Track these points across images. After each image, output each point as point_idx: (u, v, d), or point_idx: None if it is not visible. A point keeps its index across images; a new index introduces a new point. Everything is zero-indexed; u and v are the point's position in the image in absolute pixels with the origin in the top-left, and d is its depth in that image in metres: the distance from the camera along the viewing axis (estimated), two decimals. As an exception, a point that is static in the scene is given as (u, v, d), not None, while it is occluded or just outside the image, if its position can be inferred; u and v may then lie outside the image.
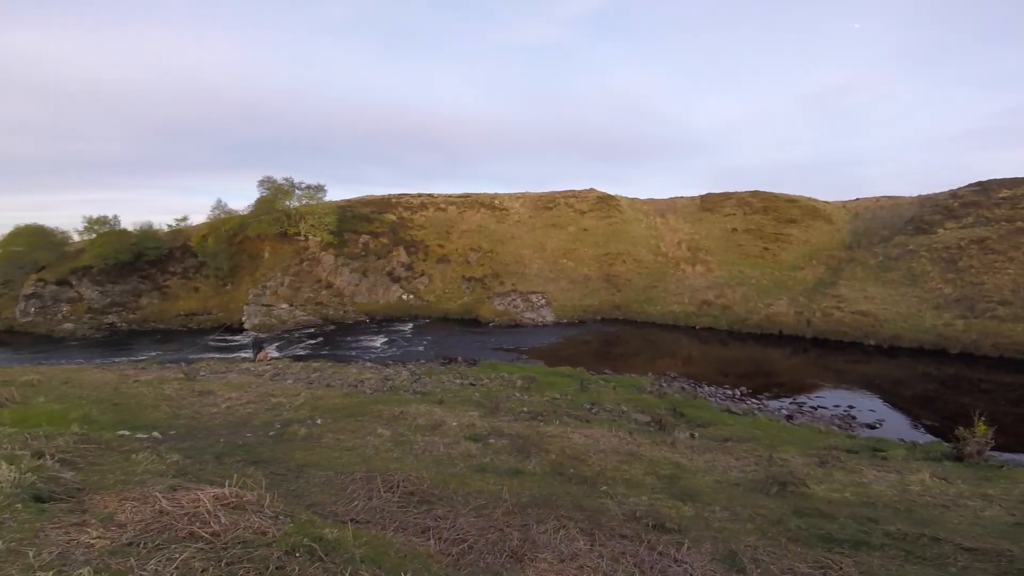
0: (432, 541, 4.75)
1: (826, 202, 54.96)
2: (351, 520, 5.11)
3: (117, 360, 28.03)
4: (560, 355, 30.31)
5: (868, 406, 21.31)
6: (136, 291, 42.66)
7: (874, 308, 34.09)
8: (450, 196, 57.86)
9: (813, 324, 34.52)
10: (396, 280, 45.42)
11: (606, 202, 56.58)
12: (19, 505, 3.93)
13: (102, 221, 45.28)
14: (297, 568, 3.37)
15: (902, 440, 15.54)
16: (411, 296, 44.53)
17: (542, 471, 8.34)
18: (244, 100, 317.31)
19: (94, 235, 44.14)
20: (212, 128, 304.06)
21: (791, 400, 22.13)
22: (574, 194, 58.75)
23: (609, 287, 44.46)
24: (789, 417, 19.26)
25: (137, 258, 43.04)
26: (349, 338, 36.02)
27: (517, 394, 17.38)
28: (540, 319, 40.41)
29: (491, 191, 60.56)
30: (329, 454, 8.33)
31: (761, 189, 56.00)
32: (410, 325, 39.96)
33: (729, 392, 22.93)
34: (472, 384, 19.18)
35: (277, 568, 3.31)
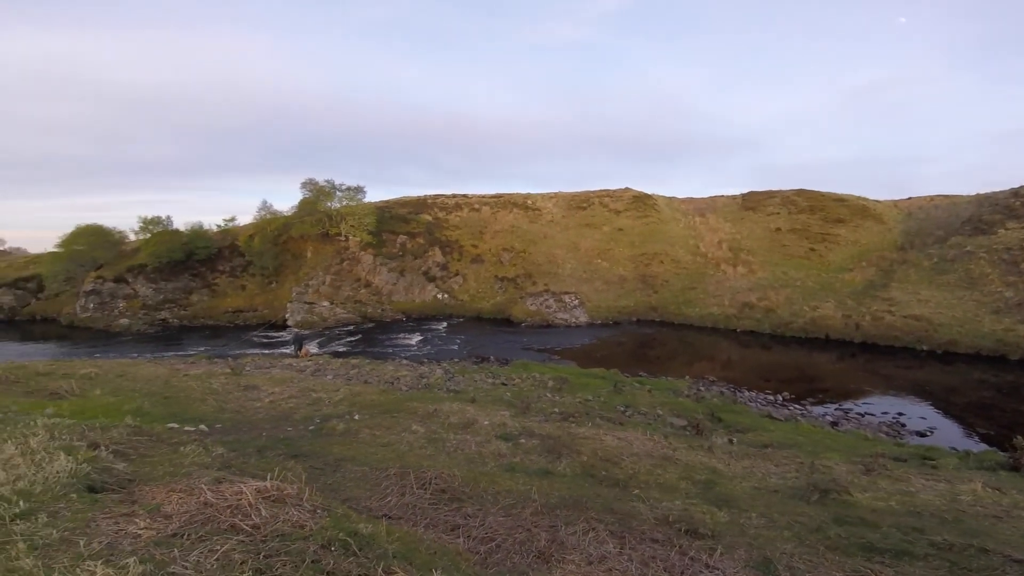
0: (461, 539, 4.81)
1: (876, 201, 52.65)
2: (384, 516, 5.23)
3: (168, 355, 29.44)
4: (593, 356, 30.08)
5: (919, 413, 20.32)
6: (187, 288, 44.70)
7: (928, 312, 32.41)
8: (483, 196, 58.28)
9: (862, 328, 33.09)
10: (432, 279, 46.06)
11: (642, 201, 55.81)
12: (74, 495, 4.11)
13: (156, 221, 47.60)
14: (332, 562, 3.42)
15: (954, 449, 14.81)
16: (446, 295, 45.08)
17: (572, 473, 8.31)
18: (287, 104, 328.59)
19: (149, 235, 46.44)
20: (258, 132, 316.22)
21: (836, 406, 21.30)
22: (609, 193, 58.19)
23: (645, 288, 43.81)
24: (834, 424, 18.59)
25: (188, 257, 45.07)
26: (386, 336, 36.74)
27: (548, 395, 17.36)
28: (573, 320, 40.19)
29: (524, 191, 60.74)
30: (365, 449, 8.55)
31: (806, 187, 54.16)
32: (444, 324, 40.42)
33: (771, 397, 22.27)
34: (504, 384, 19.27)
35: (313, 562, 3.37)
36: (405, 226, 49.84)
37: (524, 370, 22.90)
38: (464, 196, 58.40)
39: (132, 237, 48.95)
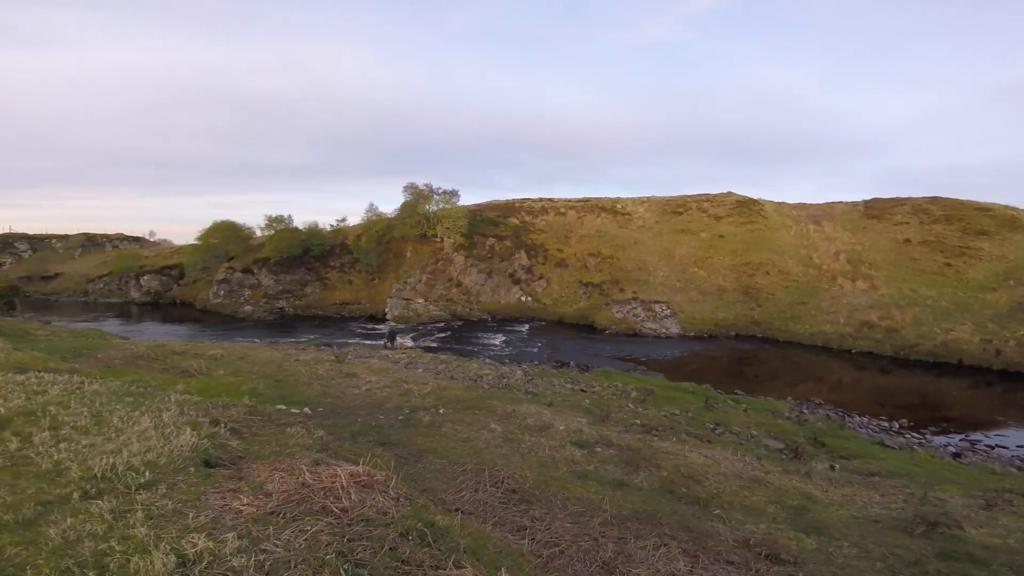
0: (526, 541, 4.90)
1: (1031, 210, 45.44)
2: (457, 510, 5.47)
3: (282, 340, 32.51)
4: (683, 370, 28.90)
5: (1064, 449, 17.49)
6: (303, 281, 49.16)
7: (1096, 341, 27.49)
8: (570, 200, 57.89)
9: (1004, 354, 28.88)
10: (517, 282, 46.75)
11: (747, 206, 52.55)
12: (192, 469, 4.54)
13: (279, 220, 52.79)
14: (408, 551, 3.57)
15: (1103, 490, 12.52)
16: (529, 298, 45.50)
17: (649, 486, 8.12)
18: (391, 111, 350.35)
19: (272, 231, 51.65)
20: (366, 138, 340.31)
21: (962, 437, 18.99)
22: (708, 198, 55.45)
23: (747, 300, 41.20)
24: (956, 455, 16.70)
25: (305, 252, 49.56)
26: (472, 334, 37.88)
27: (631, 405, 16.95)
28: (663, 330, 38.79)
29: (612, 195, 59.56)
30: (446, 443, 8.94)
31: (942, 195, 48.13)
32: (527, 326, 40.83)
33: (885, 424, 20.36)
34: (583, 390, 19.07)
35: (391, 549, 3.54)
36: (494, 229, 51.01)
37: (605, 378, 22.53)
38: (550, 200, 58.44)
39: (258, 233, 54.65)
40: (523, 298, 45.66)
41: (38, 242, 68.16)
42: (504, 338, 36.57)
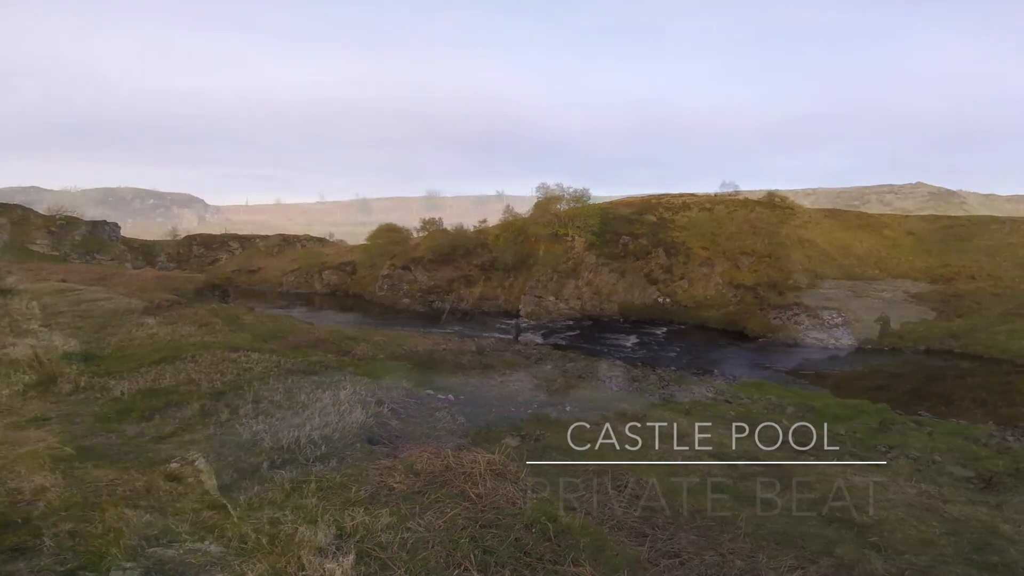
0: (645, 548, 4.84)
1: None
2: (575, 509, 5.57)
3: (432, 331, 35.37)
4: (855, 386, 25.53)
5: None
6: (450, 277, 53.26)
7: None
8: (717, 195, 53.84)
9: None
10: (653, 282, 44.85)
11: (944, 199, 45.03)
12: (358, 444, 5.19)
13: (431, 222, 58.50)
14: (531, 543, 3.74)
15: None
16: (667, 299, 43.33)
17: (797, 507, 7.48)
18: (522, 115, 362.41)
19: (426, 232, 56.88)
20: (503, 141, 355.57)
21: None
22: (892, 189, 48.22)
23: (944, 309, 35.04)
24: None
25: (452, 252, 53.74)
26: (602, 334, 37.39)
27: (785, 421, 15.44)
28: (832, 341, 34.37)
29: (770, 187, 54.06)
30: (570, 441, 9.08)
31: None
32: (663, 329, 39.05)
33: (1125, 459, 16.00)
34: (727, 401, 17.78)
35: (515, 540, 3.73)
36: (628, 227, 49.57)
37: (756, 390, 20.73)
38: (692, 195, 54.75)
39: (415, 234, 60.67)
40: (660, 299, 43.70)
41: (246, 241, 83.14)
42: (636, 340, 35.45)
